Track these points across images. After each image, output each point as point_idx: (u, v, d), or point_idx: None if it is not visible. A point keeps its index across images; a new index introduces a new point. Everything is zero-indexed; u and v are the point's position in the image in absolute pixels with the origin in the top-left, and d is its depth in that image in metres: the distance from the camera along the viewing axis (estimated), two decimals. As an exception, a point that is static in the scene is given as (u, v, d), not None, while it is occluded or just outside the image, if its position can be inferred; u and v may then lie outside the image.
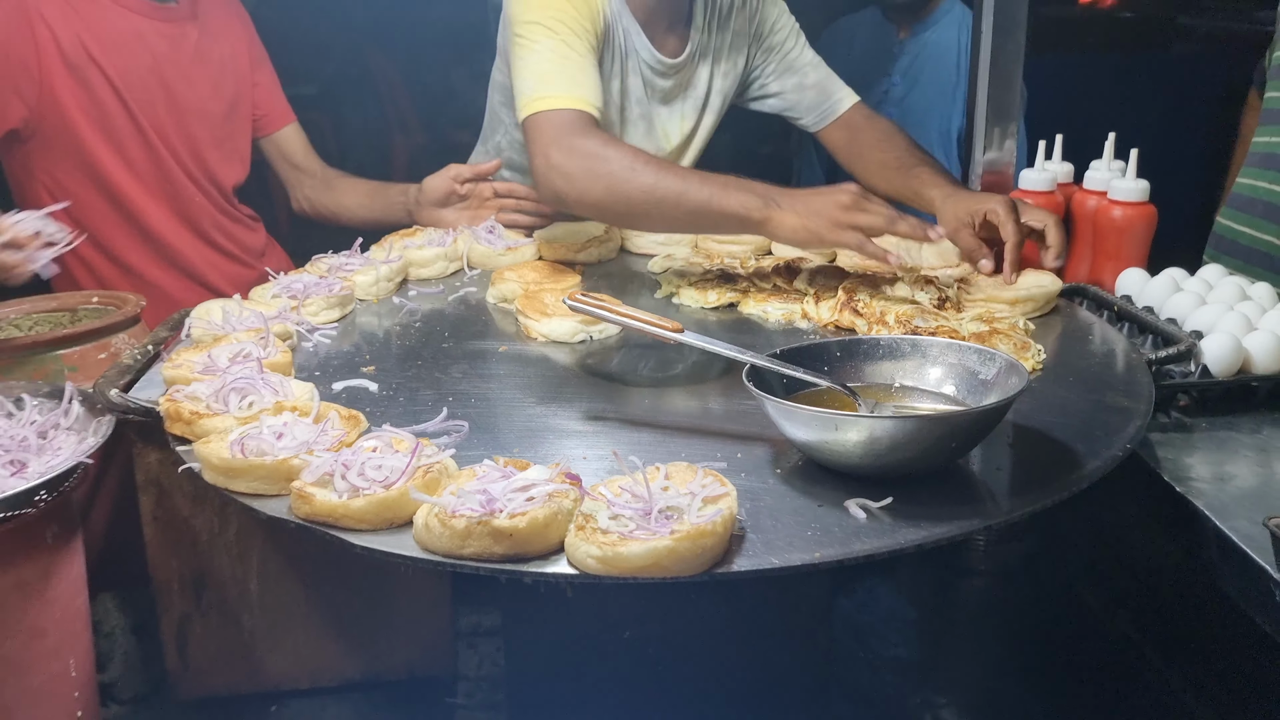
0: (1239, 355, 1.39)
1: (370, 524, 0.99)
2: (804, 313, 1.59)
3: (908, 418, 1.06)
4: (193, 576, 1.41)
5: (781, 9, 2.07)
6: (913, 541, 0.96)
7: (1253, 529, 1.09)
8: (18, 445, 1.27)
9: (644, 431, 1.23)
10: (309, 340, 1.51)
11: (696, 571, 0.92)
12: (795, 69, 2.06)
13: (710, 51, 2.00)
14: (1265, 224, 1.84)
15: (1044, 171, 1.81)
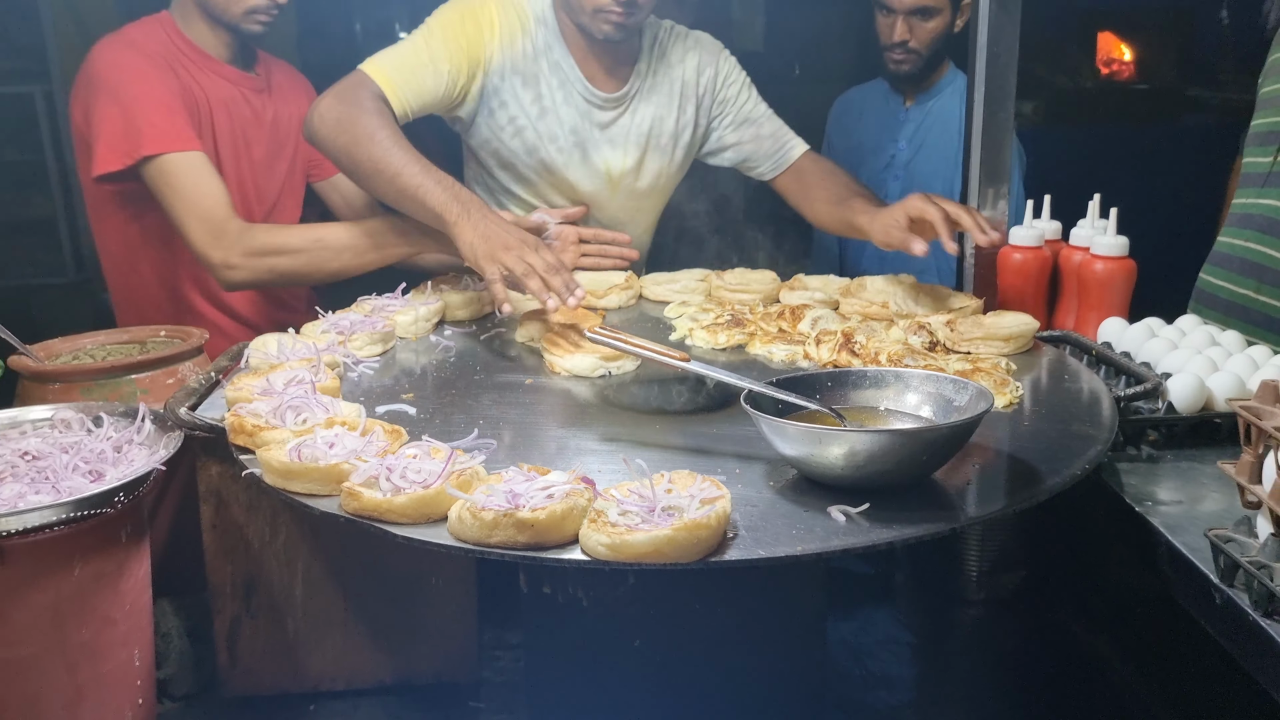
0: (1202, 394, 1.52)
1: (410, 518, 1.13)
2: (806, 354, 1.73)
3: (883, 432, 1.20)
4: (244, 581, 1.55)
5: (733, 64, 2.25)
6: (884, 539, 1.09)
7: (1199, 542, 1.21)
8: (96, 457, 1.43)
9: (653, 451, 1.37)
10: (354, 371, 1.67)
11: (693, 559, 1.05)
12: (751, 120, 2.23)
13: (655, 92, 2.16)
14: (1241, 279, 1.97)
15: (1033, 228, 1.96)
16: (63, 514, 1.27)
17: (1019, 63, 2.00)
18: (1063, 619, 1.84)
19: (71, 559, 1.30)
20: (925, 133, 2.73)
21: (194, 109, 2.10)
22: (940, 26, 2.61)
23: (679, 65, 2.18)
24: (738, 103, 2.22)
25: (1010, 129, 2.04)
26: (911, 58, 2.64)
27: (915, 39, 2.61)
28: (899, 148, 2.76)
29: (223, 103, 2.17)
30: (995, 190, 2.06)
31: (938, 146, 2.71)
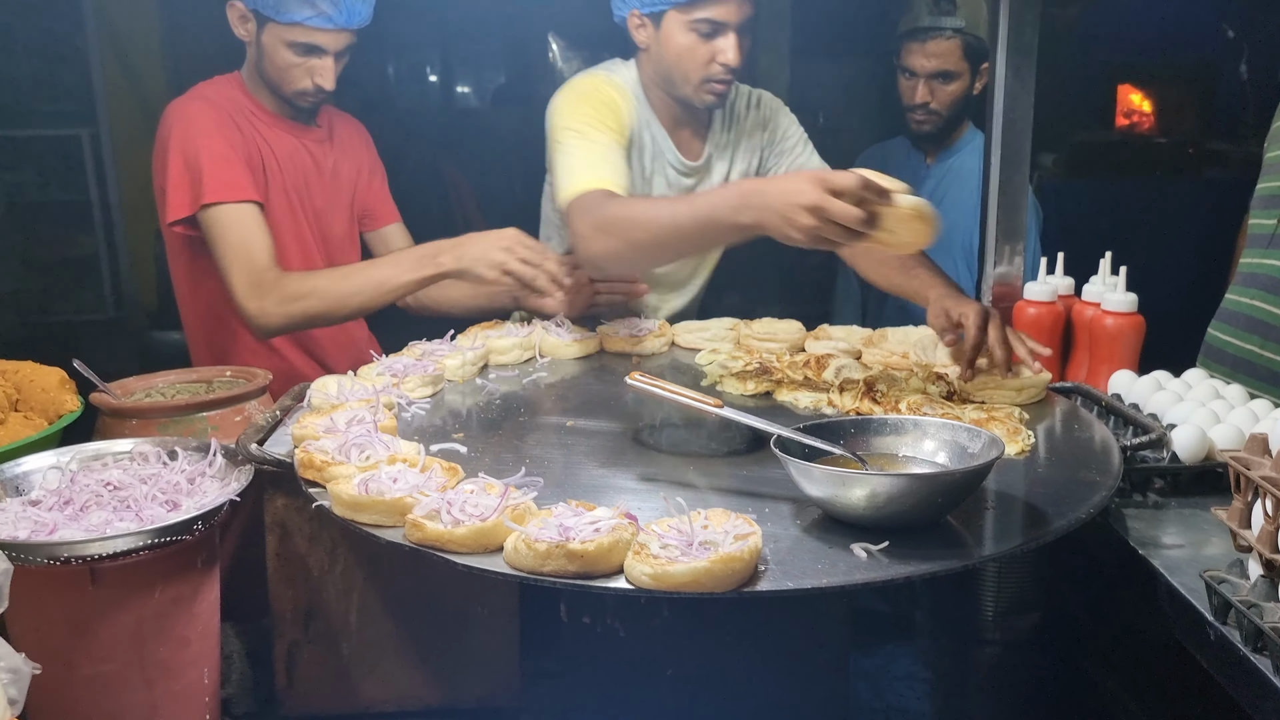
0: (1205, 444, 1.61)
1: (469, 548, 1.24)
2: (830, 401, 1.84)
3: (903, 476, 1.30)
4: (304, 608, 1.66)
5: (791, 119, 2.37)
6: (903, 574, 1.19)
7: (1196, 583, 1.30)
8: (172, 488, 1.55)
9: (688, 490, 1.47)
10: (407, 411, 1.79)
11: (727, 589, 1.15)
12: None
13: (726, 153, 2.30)
14: (1247, 335, 2.07)
15: (1046, 284, 2.07)
16: (147, 540, 1.39)
17: (1039, 115, 2.11)
18: (1076, 659, 1.92)
19: (154, 582, 1.42)
20: (946, 189, 2.85)
21: (254, 162, 2.26)
22: (960, 90, 2.73)
23: (745, 122, 2.33)
24: (792, 155, 2.35)
25: (1025, 189, 2.15)
26: (933, 118, 2.76)
27: (936, 101, 2.73)
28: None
29: (285, 154, 2.35)
30: (1011, 247, 2.17)
31: (957, 202, 2.82)
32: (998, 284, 2.18)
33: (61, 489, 1.53)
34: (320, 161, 2.41)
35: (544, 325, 2.18)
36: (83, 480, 1.56)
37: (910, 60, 2.74)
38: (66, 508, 1.49)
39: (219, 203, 2.16)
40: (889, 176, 1.62)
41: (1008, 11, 2.04)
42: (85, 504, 1.50)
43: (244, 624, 1.78)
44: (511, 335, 2.10)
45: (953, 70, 2.70)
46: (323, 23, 2.16)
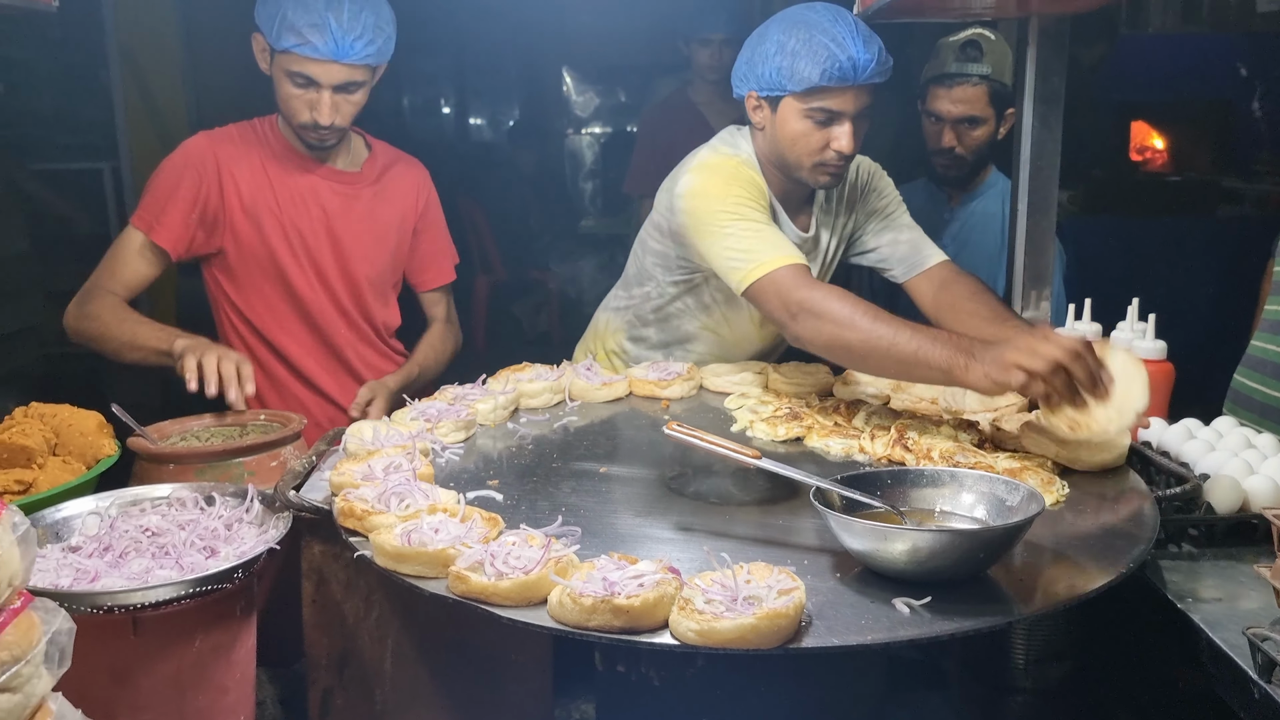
0: (1239, 495, 1.61)
1: (513, 601, 1.25)
2: (861, 447, 1.84)
3: (945, 531, 1.30)
4: (339, 654, 1.66)
5: (887, 181, 2.37)
6: (946, 631, 1.19)
7: (1239, 639, 1.30)
8: (210, 534, 1.56)
9: (725, 541, 1.48)
10: (441, 457, 1.80)
11: (773, 645, 1.15)
12: (892, 228, 2.33)
13: (829, 223, 2.31)
14: (1275, 382, 2.07)
15: (1074, 330, 2.07)
16: (189, 589, 1.40)
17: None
18: (1108, 708, 1.90)
19: (194, 631, 1.43)
20: (969, 232, 2.87)
21: (208, 208, 2.31)
22: (985, 135, 2.75)
23: (845, 191, 2.32)
24: (885, 213, 2.34)
25: (1052, 234, 2.17)
26: (958, 163, 2.79)
27: (962, 146, 2.76)
28: (943, 245, 2.89)
29: (305, 192, 2.37)
30: (1038, 292, 2.18)
31: (980, 245, 2.84)
32: (1025, 329, 2.18)
33: (101, 535, 1.55)
34: (349, 203, 2.42)
35: (574, 369, 2.19)
36: (121, 526, 1.57)
37: (936, 105, 2.76)
38: (106, 554, 1.50)
39: (132, 225, 2.31)
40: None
41: (1035, 60, 2.06)
42: (124, 550, 1.51)
43: (276, 669, 1.78)
44: (542, 379, 2.12)
45: (979, 116, 2.73)
46: (310, 52, 2.17)
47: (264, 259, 2.35)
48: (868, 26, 2.07)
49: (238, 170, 2.33)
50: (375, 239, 2.46)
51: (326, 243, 2.39)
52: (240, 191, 2.32)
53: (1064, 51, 2.08)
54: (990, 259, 2.81)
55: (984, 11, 2.18)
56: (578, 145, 8.07)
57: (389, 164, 2.50)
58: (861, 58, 2.00)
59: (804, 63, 2.02)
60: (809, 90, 2.04)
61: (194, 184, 2.29)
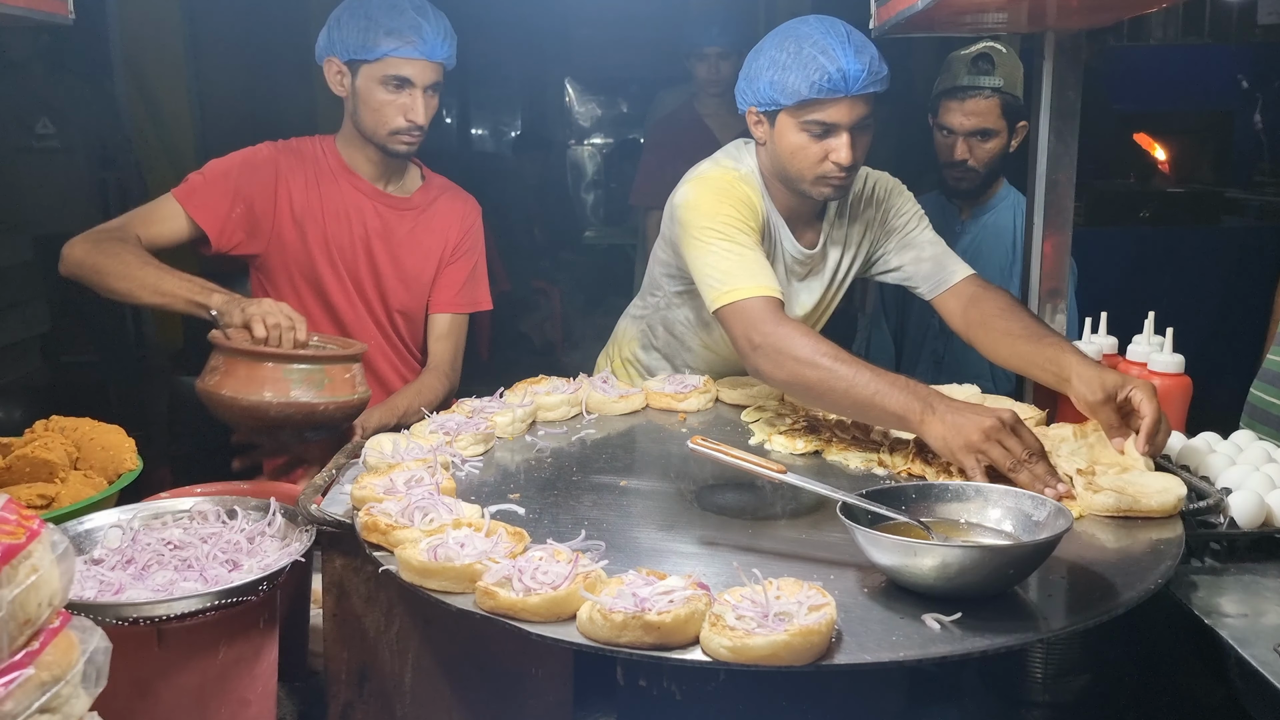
0: (1262, 509, 1.61)
1: (542, 617, 1.25)
2: (880, 460, 1.84)
3: (975, 547, 1.30)
4: (358, 668, 1.65)
5: (907, 197, 2.34)
6: (978, 648, 1.19)
7: (1269, 655, 1.30)
8: (232, 548, 1.56)
9: (750, 555, 1.47)
10: (461, 470, 1.79)
11: (806, 662, 1.15)
12: (913, 246, 2.30)
13: (840, 239, 2.30)
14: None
15: (1090, 344, 2.08)
16: (214, 600, 1.39)
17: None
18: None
19: (218, 643, 1.42)
20: (980, 244, 2.87)
21: (259, 208, 2.43)
22: (998, 147, 2.76)
23: (860, 209, 2.31)
24: (904, 230, 2.31)
25: (1067, 249, 2.18)
26: (971, 176, 2.79)
27: (974, 159, 2.76)
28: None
29: (349, 209, 2.49)
30: (1053, 305, 2.19)
31: (991, 258, 2.84)
32: (1041, 343, 2.18)
33: (123, 548, 1.54)
34: (391, 225, 2.52)
35: (590, 381, 2.19)
36: (144, 539, 1.56)
37: (948, 118, 2.77)
38: (129, 567, 1.50)
39: (171, 194, 2.40)
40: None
41: (1051, 75, 2.07)
42: (147, 563, 1.51)
43: (293, 683, 1.77)
44: (559, 392, 2.11)
45: (991, 128, 2.73)
46: (408, 53, 2.30)
47: (305, 267, 2.46)
48: (862, 36, 2.06)
49: (293, 180, 2.45)
50: (414, 261, 2.54)
51: (364, 259, 2.49)
52: (293, 200, 2.44)
53: (1079, 66, 2.09)
54: (1001, 272, 2.82)
55: (999, 27, 2.19)
56: (580, 156, 8.09)
57: (439, 194, 2.60)
58: (852, 69, 1.99)
59: (794, 75, 2.02)
60: (801, 103, 2.03)
61: (247, 180, 2.41)
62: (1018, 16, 2.04)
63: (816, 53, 2.01)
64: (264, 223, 2.42)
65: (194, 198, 2.37)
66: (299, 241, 2.44)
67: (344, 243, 2.47)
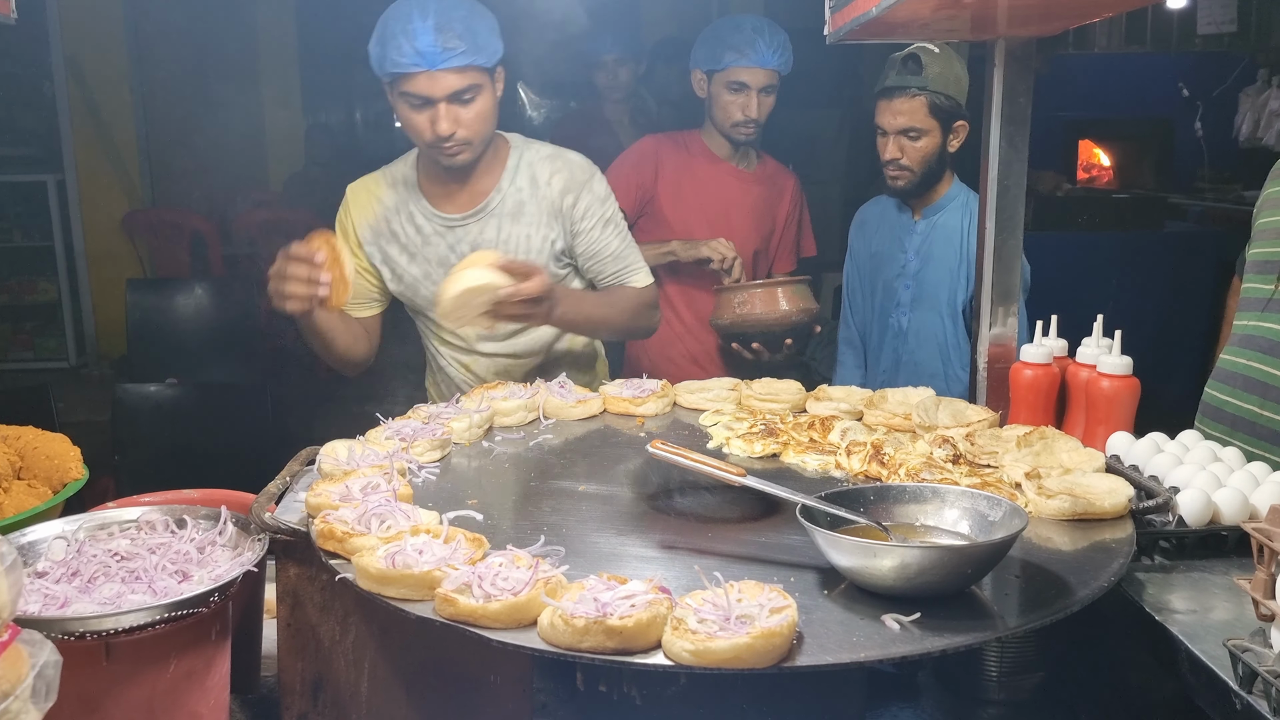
0: (1209, 508, 1.64)
1: (503, 624, 1.23)
2: (837, 463, 1.85)
3: (933, 547, 1.31)
4: (313, 678, 1.63)
5: (594, 199, 2.51)
6: (937, 647, 1.20)
7: (1218, 650, 1.32)
8: (182, 558, 1.53)
9: (711, 558, 1.47)
10: (417, 477, 1.77)
11: (768, 665, 1.15)
12: (598, 257, 2.54)
13: (514, 213, 2.46)
14: (1246, 395, 2.12)
15: (1041, 346, 2.10)
16: (163, 613, 1.36)
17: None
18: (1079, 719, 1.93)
19: (168, 656, 1.39)
20: (931, 245, 2.91)
21: (649, 187, 3.28)
22: (929, 146, 2.81)
23: (545, 185, 2.48)
24: (589, 237, 2.52)
25: (1019, 253, 2.20)
26: (905, 174, 2.85)
27: (907, 157, 2.82)
28: (908, 258, 2.94)
29: (703, 181, 3.26)
30: (1005, 308, 2.21)
31: (942, 259, 2.88)
32: (993, 345, 2.21)
33: (68, 560, 1.51)
34: (742, 194, 3.32)
35: (547, 386, 2.18)
36: (89, 550, 1.53)
37: (880, 118, 2.84)
38: (75, 579, 1.47)
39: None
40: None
41: (1001, 82, 2.10)
42: (93, 575, 1.48)
43: (246, 696, 1.74)
44: (516, 397, 2.10)
45: (920, 127, 2.78)
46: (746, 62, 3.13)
47: (670, 227, 3.25)
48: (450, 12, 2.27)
49: (665, 162, 3.25)
50: (757, 221, 3.32)
51: (722, 219, 3.24)
52: (662, 176, 3.24)
53: (1030, 73, 2.12)
54: (953, 273, 2.86)
55: (951, 33, 2.21)
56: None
57: (771, 169, 3.37)
58: (426, 46, 2.22)
59: (383, 51, 2.29)
60: (394, 78, 2.30)
61: (630, 162, 3.27)
62: (969, 24, 2.06)
63: (397, 28, 2.25)
64: (642, 195, 3.24)
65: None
66: (672, 208, 3.24)
67: (706, 206, 3.22)
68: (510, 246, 2.43)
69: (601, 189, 2.53)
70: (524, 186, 2.45)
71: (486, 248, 2.43)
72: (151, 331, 4.99)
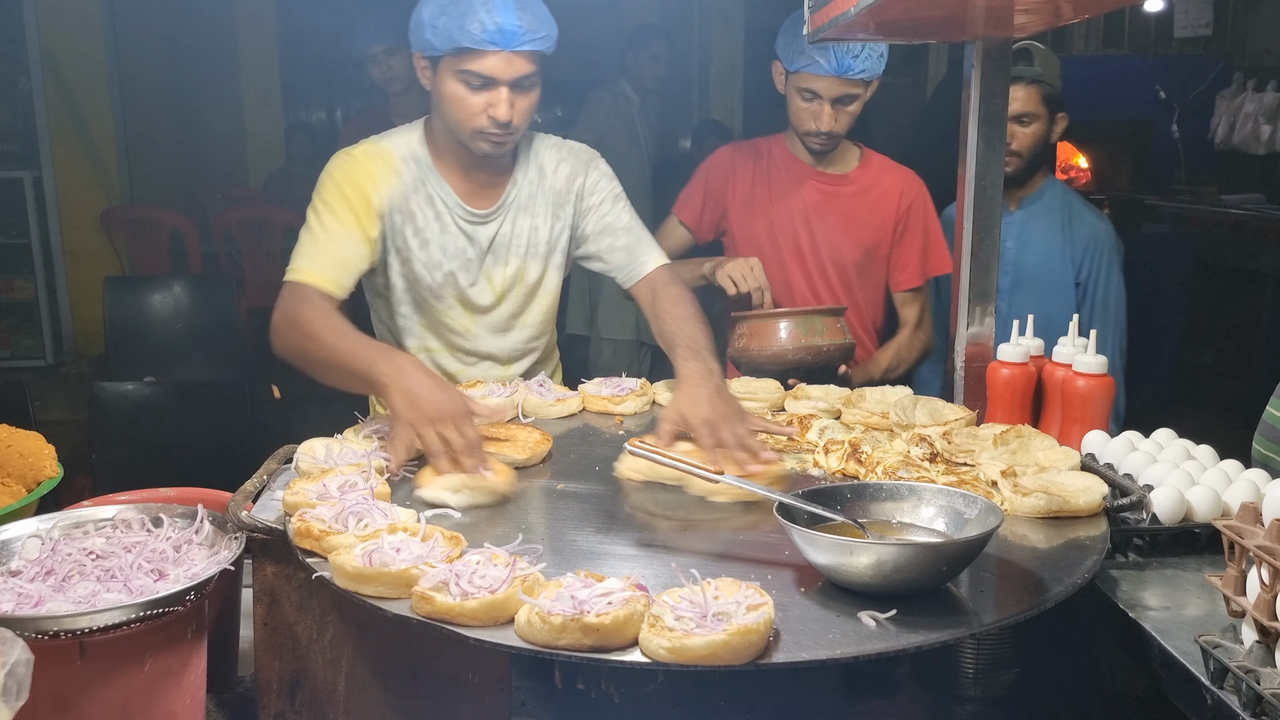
0: (1183, 505, 1.66)
1: (480, 621, 1.23)
2: (815, 462, 1.86)
3: (908, 544, 1.32)
4: (290, 677, 1.62)
5: (604, 173, 2.35)
6: (913, 644, 1.21)
7: (1190, 646, 1.34)
8: (158, 557, 1.52)
9: (688, 556, 1.48)
10: (395, 476, 1.77)
11: (744, 661, 1.16)
12: (610, 231, 2.31)
13: (530, 207, 2.29)
14: None
15: (1018, 346, 2.12)
16: (138, 612, 1.35)
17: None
18: (1054, 715, 1.94)
19: (143, 655, 1.38)
20: (1030, 233, 3.00)
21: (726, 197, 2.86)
22: (1038, 132, 2.91)
23: (552, 175, 2.31)
24: (599, 211, 2.33)
25: (996, 252, 2.21)
26: (1014, 160, 2.90)
27: (1017, 143, 2.89)
28: (1006, 246, 2.99)
29: (786, 187, 2.80)
30: (983, 308, 2.22)
31: (1041, 245, 2.99)
32: (970, 344, 2.22)
33: (42, 558, 1.50)
34: (828, 199, 2.81)
35: (527, 385, 2.18)
36: (64, 549, 1.52)
37: None
38: (49, 578, 1.46)
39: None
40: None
41: (979, 83, 2.11)
42: (68, 574, 1.47)
43: (222, 695, 1.73)
44: (495, 396, 2.10)
45: (1033, 112, 2.87)
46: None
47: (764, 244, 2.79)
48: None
49: (740, 168, 2.84)
50: (847, 230, 2.79)
51: (801, 226, 2.78)
52: (739, 183, 2.83)
53: (1007, 75, 2.13)
54: (1053, 257, 2.98)
55: (931, 34, 2.23)
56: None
57: (874, 171, 2.83)
58: (509, 23, 2.03)
59: (452, 23, 2.05)
60: (458, 52, 2.07)
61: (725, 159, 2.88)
62: (946, 25, 2.07)
63: (476, 1, 2.04)
64: (721, 206, 2.84)
65: (684, 209, 2.87)
66: (749, 216, 2.81)
67: (782, 213, 2.79)
68: (520, 241, 2.30)
69: (606, 168, 2.37)
70: (534, 179, 2.30)
71: (502, 244, 2.28)
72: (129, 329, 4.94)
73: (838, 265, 2.79)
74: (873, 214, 2.80)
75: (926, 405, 2.07)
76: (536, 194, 2.30)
